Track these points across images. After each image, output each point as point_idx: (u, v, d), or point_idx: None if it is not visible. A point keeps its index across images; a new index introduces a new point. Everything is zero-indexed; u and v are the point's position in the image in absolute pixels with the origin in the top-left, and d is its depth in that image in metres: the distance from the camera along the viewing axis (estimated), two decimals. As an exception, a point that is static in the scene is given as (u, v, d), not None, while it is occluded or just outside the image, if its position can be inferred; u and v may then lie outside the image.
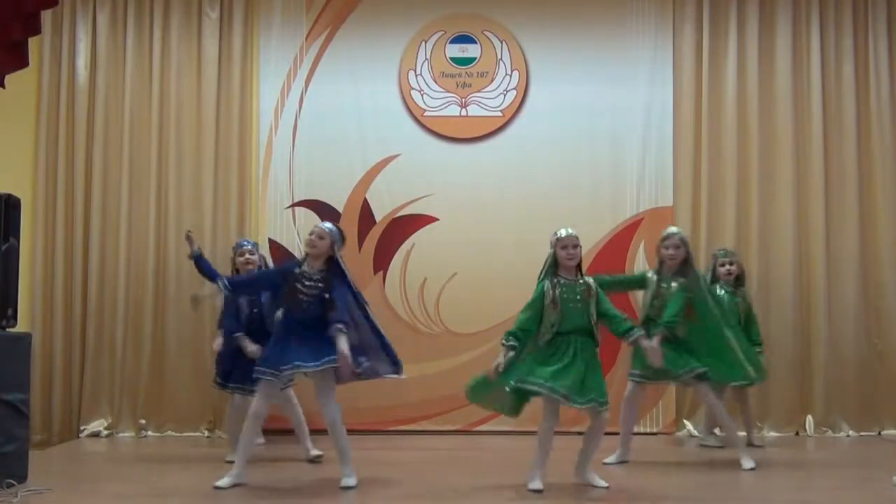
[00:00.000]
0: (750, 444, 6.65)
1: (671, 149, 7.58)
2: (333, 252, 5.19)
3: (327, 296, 5.11)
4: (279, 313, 5.28)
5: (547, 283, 5.01)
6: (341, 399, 7.00)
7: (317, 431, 6.20)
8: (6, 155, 7.25)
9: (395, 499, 5.06)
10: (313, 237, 5.18)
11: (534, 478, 5.04)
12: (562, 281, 5.02)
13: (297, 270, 5.19)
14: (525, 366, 4.96)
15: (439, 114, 7.67)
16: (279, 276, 5.34)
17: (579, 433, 5.27)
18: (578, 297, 4.99)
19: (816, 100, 7.57)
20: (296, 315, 5.14)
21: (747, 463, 5.77)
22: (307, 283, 5.13)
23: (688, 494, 5.13)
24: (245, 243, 6.30)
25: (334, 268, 5.20)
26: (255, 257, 6.23)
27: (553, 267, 5.07)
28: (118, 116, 7.56)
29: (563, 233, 5.07)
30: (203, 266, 5.99)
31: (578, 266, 5.09)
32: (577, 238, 5.06)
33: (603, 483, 5.14)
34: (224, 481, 5.10)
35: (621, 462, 5.96)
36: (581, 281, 5.05)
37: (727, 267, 6.72)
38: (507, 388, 4.95)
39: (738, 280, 6.73)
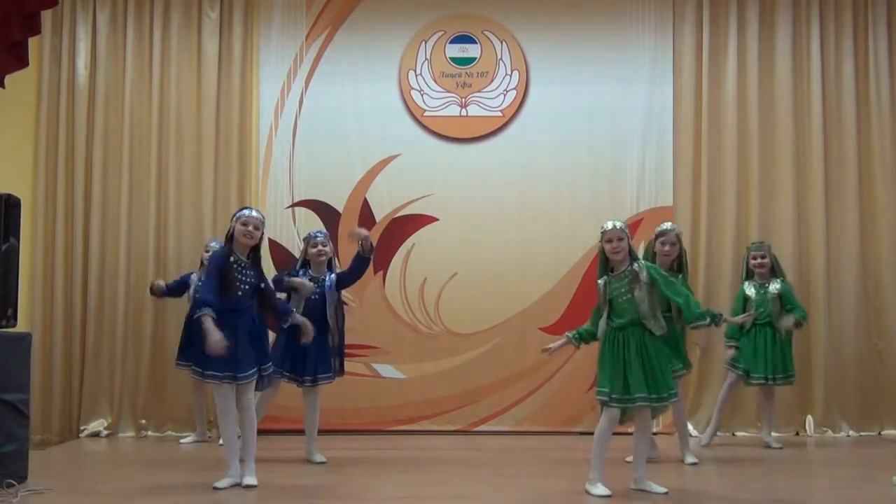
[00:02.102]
0: (767, 447, 6.68)
1: (671, 149, 7.59)
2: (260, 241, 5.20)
3: (263, 285, 5.17)
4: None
5: (600, 281, 4.92)
6: (341, 399, 7.08)
7: (325, 431, 6.23)
8: (6, 155, 7.25)
9: (395, 499, 5.05)
10: (251, 228, 5.07)
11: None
12: (612, 275, 4.90)
13: (230, 260, 5.07)
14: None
15: (439, 114, 7.67)
16: (225, 272, 5.06)
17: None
18: (625, 290, 4.84)
19: (816, 100, 7.57)
20: (229, 305, 4.98)
21: (689, 458, 5.95)
22: (246, 271, 5.07)
23: (688, 494, 5.13)
24: (318, 234, 6.05)
25: (257, 255, 5.18)
26: (328, 248, 5.98)
27: (605, 262, 4.95)
28: (118, 116, 7.56)
29: (607, 226, 4.91)
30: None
31: (631, 257, 4.90)
32: (621, 231, 4.85)
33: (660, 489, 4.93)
34: (223, 482, 5.10)
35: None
36: (626, 270, 4.86)
37: (758, 260, 6.70)
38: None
39: (773, 273, 6.69)
